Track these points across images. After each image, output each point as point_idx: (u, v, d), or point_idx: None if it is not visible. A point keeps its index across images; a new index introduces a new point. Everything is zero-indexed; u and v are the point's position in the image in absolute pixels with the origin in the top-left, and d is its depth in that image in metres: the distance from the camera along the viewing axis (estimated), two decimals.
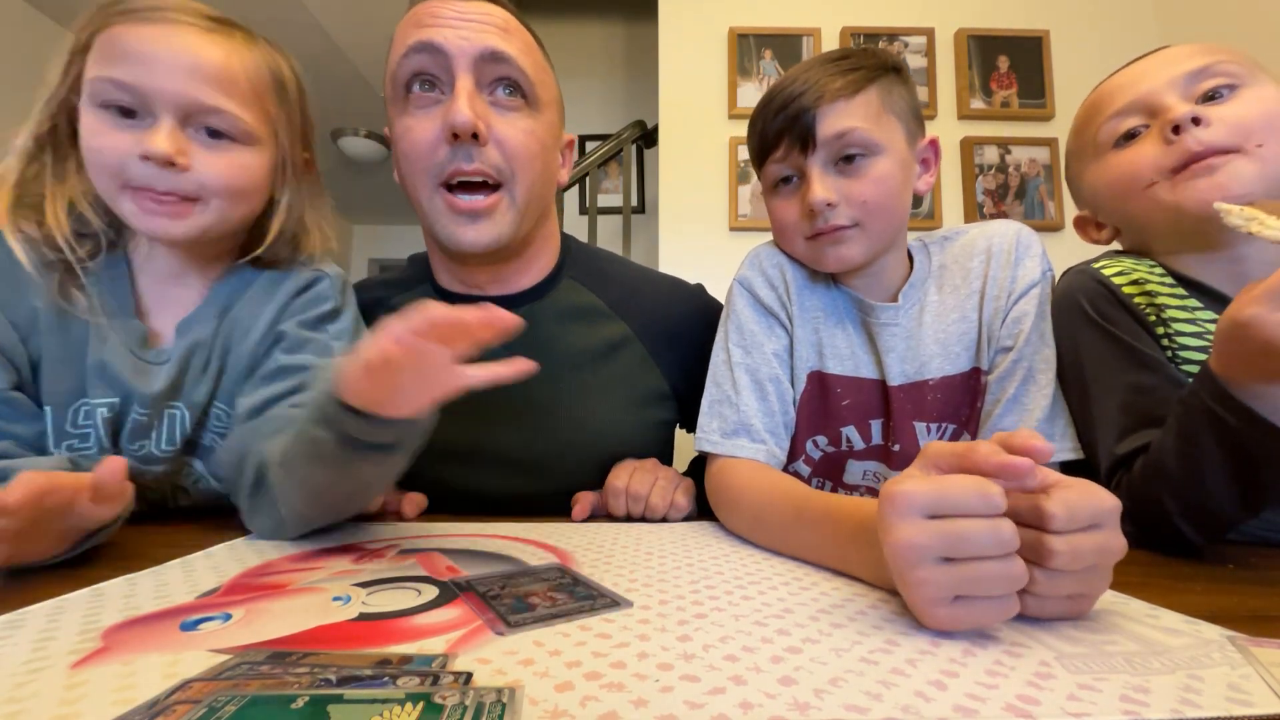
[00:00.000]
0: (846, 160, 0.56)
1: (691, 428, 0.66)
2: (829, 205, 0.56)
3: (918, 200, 0.61)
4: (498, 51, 0.54)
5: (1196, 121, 0.52)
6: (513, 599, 0.33)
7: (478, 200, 0.56)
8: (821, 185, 0.56)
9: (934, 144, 0.62)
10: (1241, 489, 0.44)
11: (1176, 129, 0.53)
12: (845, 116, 0.55)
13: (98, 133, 0.50)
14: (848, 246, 0.58)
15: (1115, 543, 0.30)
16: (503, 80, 0.56)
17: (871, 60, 0.58)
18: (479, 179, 0.56)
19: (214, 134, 0.53)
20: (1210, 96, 0.53)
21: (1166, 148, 0.54)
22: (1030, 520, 0.30)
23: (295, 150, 0.59)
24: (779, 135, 0.57)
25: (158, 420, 0.56)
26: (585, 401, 0.66)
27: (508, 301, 0.66)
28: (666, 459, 0.72)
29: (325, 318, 0.60)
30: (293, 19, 2.41)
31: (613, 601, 0.33)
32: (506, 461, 0.65)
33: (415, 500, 0.62)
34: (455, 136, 0.53)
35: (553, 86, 0.62)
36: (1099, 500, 0.30)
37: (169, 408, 0.56)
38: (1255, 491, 0.44)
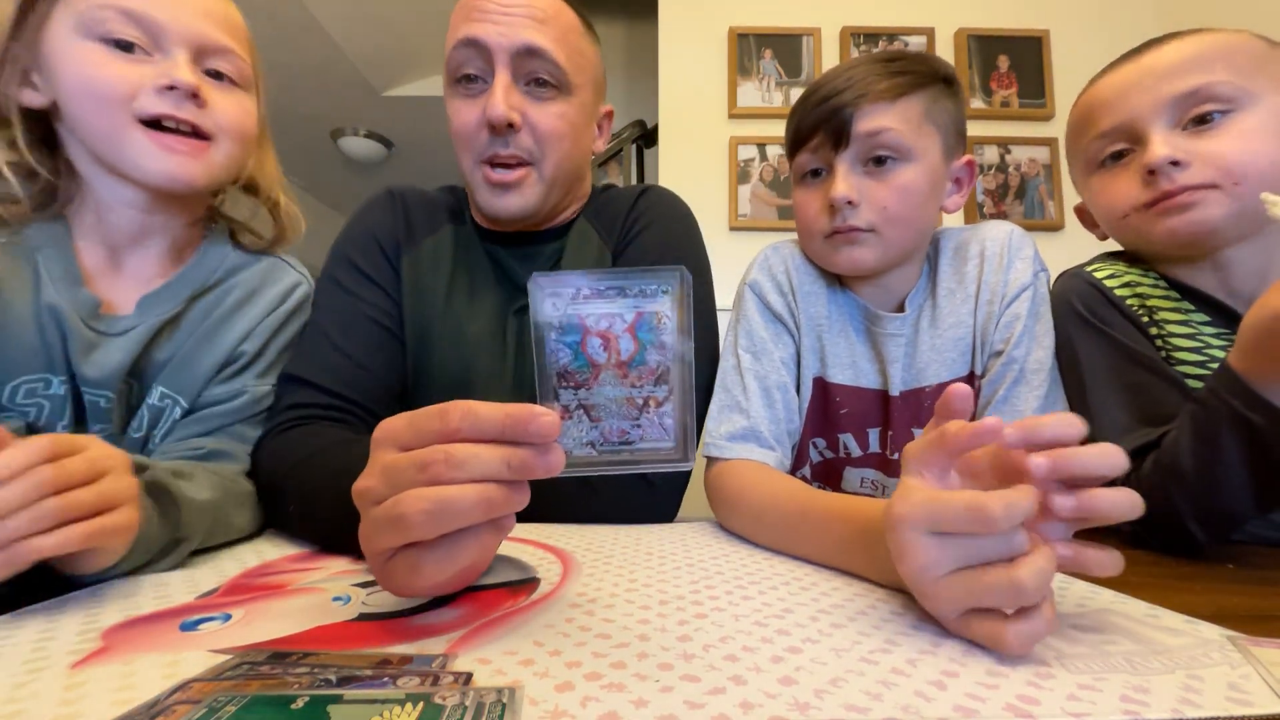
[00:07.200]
0: (877, 162, 0.56)
1: None
2: (850, 204, 0.56)
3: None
4: (533, 47, 0.60)
5: (1175, 164, 0.51)
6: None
7: (508, 174, 0.63)
8: (846, 183, 0.56)
9: (970, 165, 0.61)
10: (1259, 488, 0.44)
11: (1154, 171, 0.52)
12: (883, 117, 0.55)
13: (100, 64, 0.47)
14: (861, 250, 0.58)
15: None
16: (537, 72, 0.62)
17: (923, 66, 0.57)
18: (513, 161, 0.63)
19: (217, 75, 0.53)
20: (1201, 119, 0.52)
21: (1143, 186, 0.54)
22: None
23: (263, 108, 0.60)
24: (814, 127, 0.57)
25: (120, 402, 0.51)
26: None
27: (531, 238, 0.71)
28: None
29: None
30: (293, 19, 2.41)
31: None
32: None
33: None
34: (492, 128, 0.61)
35: (589, 67, 0.67)
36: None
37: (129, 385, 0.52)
38: (1272, 491, 0.44)
